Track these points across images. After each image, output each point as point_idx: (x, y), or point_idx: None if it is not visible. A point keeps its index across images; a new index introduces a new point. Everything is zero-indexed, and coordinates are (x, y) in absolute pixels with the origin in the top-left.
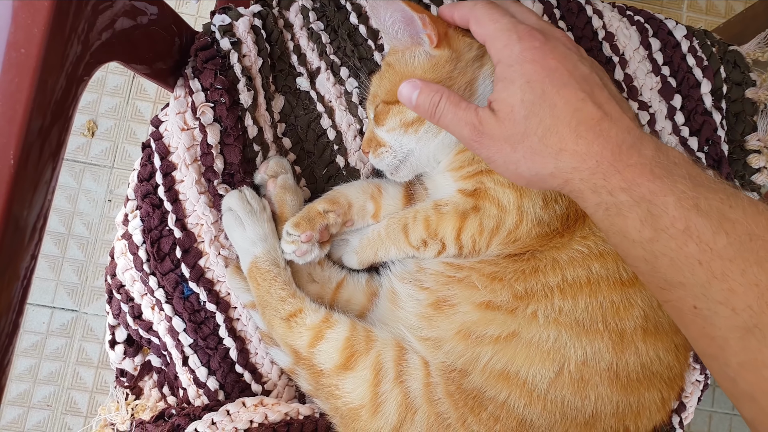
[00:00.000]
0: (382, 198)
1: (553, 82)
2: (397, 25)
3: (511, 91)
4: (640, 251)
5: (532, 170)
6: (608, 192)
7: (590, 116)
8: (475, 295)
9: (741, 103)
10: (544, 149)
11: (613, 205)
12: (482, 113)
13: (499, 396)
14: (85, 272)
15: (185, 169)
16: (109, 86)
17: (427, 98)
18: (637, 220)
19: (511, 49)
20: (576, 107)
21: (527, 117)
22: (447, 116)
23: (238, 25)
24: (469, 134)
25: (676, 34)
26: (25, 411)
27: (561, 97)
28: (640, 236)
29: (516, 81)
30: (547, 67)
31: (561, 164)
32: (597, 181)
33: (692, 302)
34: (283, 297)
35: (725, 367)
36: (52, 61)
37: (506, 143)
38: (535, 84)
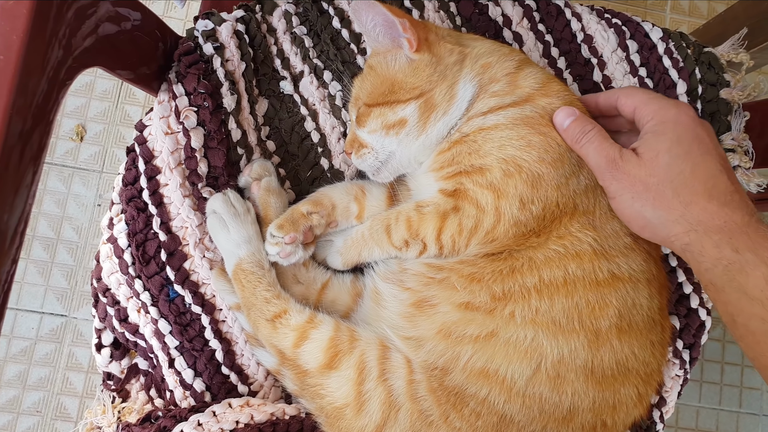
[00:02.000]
0: (365, 199)
1: (700, 148)
2: (378, 28)
3: (661, 141)
4: (759, 309)
5: (656, 213)
6: (733, 249)
7: (725, 186)
8: (454, 296)
9: (716, 103)
10: (675, 198)
11: (737, 262)
12: (625, 152)
13: (479, 393)
14: (74, 277)
15: (169, 172)
16: (98, 90)
17: (579, 126)
18: (762, 278)
19: (668, 110)
20: (714, 174)
21: (669, 165)
22: (593, 144)
23: (221, 30)
24: (605, 165)
25: (652, 37)
26: (15, 417)
27: (703, 162)
28: (761, 294)
29: (667, 134)
30: (697, 135)
31: (688, 215)
32: (722, 237)
33: None
34: (267, 298)
35: None
36: (33, 65)
37: (640, 182)
38: (683, 142)
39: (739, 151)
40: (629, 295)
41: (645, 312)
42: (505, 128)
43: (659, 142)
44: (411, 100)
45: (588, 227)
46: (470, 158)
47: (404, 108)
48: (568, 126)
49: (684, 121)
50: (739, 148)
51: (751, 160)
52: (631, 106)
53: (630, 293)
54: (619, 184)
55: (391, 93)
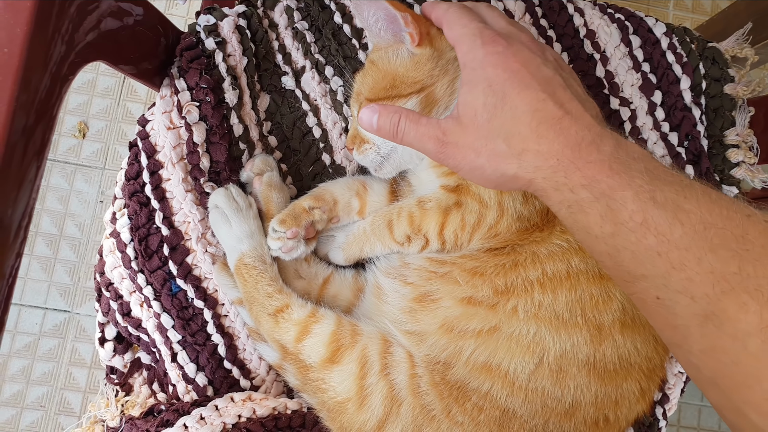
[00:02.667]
0: (367, 195)
1: (514, 84)
2: (380, 23)
3: (474, 95)
4: (603, 246)
5: (497, 173)
6: (569, 189)
7: (551, 115)
8: (457, 291)
9: (720, 99)
10: (506, 150)
11: (575, 203)
12: (444, 124)
13: (482, 387)
14: (77, 273)
15: (172, 167)
16: (100, 88)
17: (387, 119)
18: (598, 215)
19: (475, 53)
20: (536, 107)
21: (489, 120)
22: (410, 134)
23: (223, 25)
24: (433, 147)
25: (656, 31)
26: (19, 412)
27: (522, 99)
28: (601, 231)
29: (479, 85)
30: (510, 70)
31: (524, 164)
32: (559, 179)
33: (655, 293)
34: (269, 293)
35: (689, 354)
36: (36, 60)
37: (470, 150)
38: (496, 87)
39: (744, 147)
40: None
41: None
42: None
43: (474, 98)
44: (412, 94)
45: None
46: None
47: (405, 102)
48: (377, 125)
49: (492, 61)
50: (744, 143)
51: (755, 156)
52: (452, 40)
53: None
54: (453, 160)
55: (392, 88)
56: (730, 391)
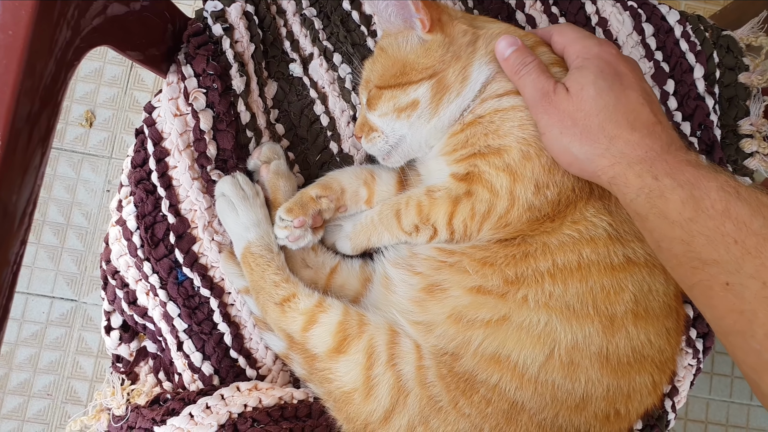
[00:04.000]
0: (375, 184)
1: (622, 83)
2: (390, 8)
3: (585, 74)
4: (678, 232)
5: (583, 148)
6: (653, 177)
7: (647, 118)
8: (466, 280)
9: (734, 88)
10: (600, 132)
11: (657, 188)
12: (558, 86)
13: (490, 379)
14: (84, 262)
15: (178, 154)
16: (107, 77)
17: (520, 56)
18: (679, 201)
19: (591, 48)
20: (635, 108)
21: (595, 98)
22: (531, 75)
23: (231, 11)
24: (540, 98)
25: (669, 19)
26: (26, 400)
27: (625, 96)
28: (680, 216)
29: (591, 68)
30: (619, 71)
31: (612, 148)
32: (643, 167)
33: (725, 279)
34: (276, 282)
35: (751, 339)
36: (41, 44)
37: (568, 116)
38: (606, 76)
39: (758, 136)
40: (645, 280)
41: (661, 298)
42: (525, 109)
43: (583, 76)
44: (423, 80)
45: (603, 212)
46: (486, 139)
47: (416, 89)
48: (509, 56)
49: (606, 57)
50: (758, 133)
51: None
52: (562, 44)
53: (646, 278)
54: (549, 119)
55: (402, 74)
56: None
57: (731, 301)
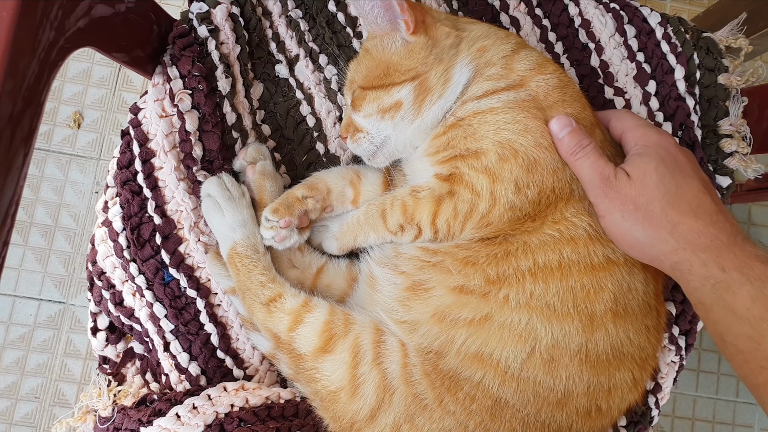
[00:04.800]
0: (361, 184)
1: (682, 171)
2: (376, 10)
3: (647, 161)
4: (746, 329)
5: (645, 232)
6: (720, 268)
7: (709, 207)
8: (449, 280)
9: (714, 89)
10: (663, 217)
11: (723, 281)
12: (619, 171)
13: (474, 376)
14: (72, 264)
15: (164, 155)
16: (95, 78)
17: (575, 138)
18: (748, 297)
19: (651, 136)
20: (698, 196)
21: (657, 184)
22: (588, 159)
23: (216, 13)
24: (599, 182)
25: (650, 21)
26: (13, 403)
27: (687, 184)
28: (748, 313)
29: (653, 156)
30: (678, 160)
31: (676, 234)
32: (709, 256)
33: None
34: (262, 282)
35: None
36: (23, 45)
37: (631, 201)
38: (667, 164)
39: (737, 136)
40: (624, 280)
41: (640, 296)
42: (501, 112)
43: (645, 163)
44: (406, 81)
45: (583, 213)
46: (465, 142)
47: (399, 90)
48: (564, 136)
49: (665, 146)
50: (737, 133)
51: (748, 145)
52: (620, 129)
53: (625, 277)
54: (610, 203)
55: (386, 76)
56: None
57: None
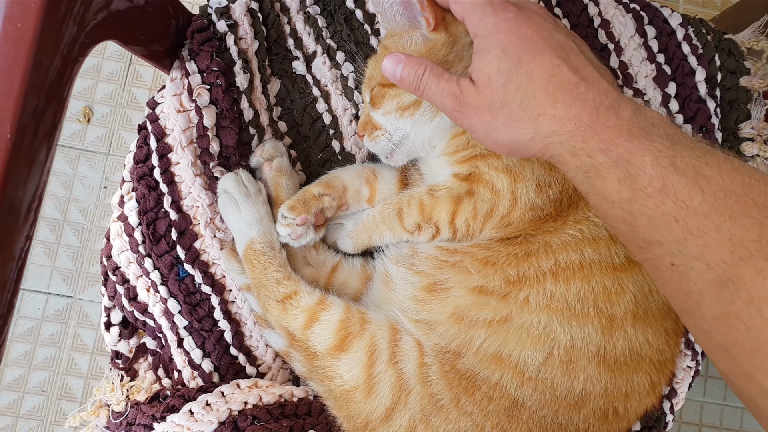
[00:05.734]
0: (377, 182)
1: (528, 49)
2: (395, 7)
3: (488, 61)
4: (619, 212)
5: (512, 137)
6: (587, 154)
7: (567, 81)
8: (468, 280)
9: (735, 91)
10: (522, 115)
11: (593, 167)
12: (463, 83)
13: (492, 377)
14: (80, 258)
15: (181, 151)
16: (105, 73)
17: (412, 71)
18: (616, 180)
19: (486, 21)
20: (552, 72)
21: (504, 84)
22: (431, 87)
23: (235, 8)
24: (451, 104)
25: (671, 22)
26: (20, 396)
27: (536, 64)
28: (618, 196)
29: (492, 51)
30: (522, 36)
31: (540, 129)
32: (576, 143)
33: (669, 259)
34: (278, 279)
35: (700, 321)
36: (48, 39)
37: (486, 112)
38: (510, 52)
39: (759, 140)
40: (645, 281)
41: (660, 299)
42: None
43: (487, 63)
44: None
45: None
46: None
47: None
48: (401, 74)
49: (504, 27)
50: (759, 137)
51: None
52: (460, 14)
53: (646, 279)
54: (469, 120)
55: None
56: (741, 358)
57: (678, 282)
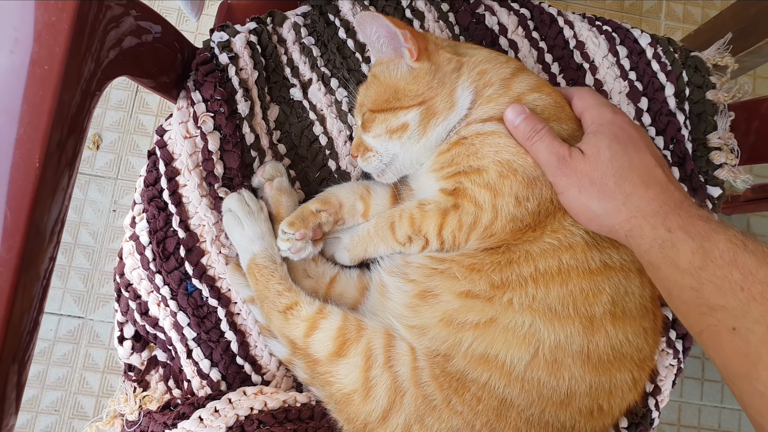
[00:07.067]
0: (370, 198)
1: (635, 146)
2: (381, 39)
3: (600, 140)
4: (688, 279)
5: (601, 205)
6: (666, 229)
7: (660, 178)
8: (455, 286)
9: (702, 104)
10: (616, 190)
11: (669, 239)
12: (573, 150)
13: (480, 378)
14: (91, 280)
15: (188, 174)
16: (113, 101)
17: (530, 125)
18: (689, 251)
19: (604, 115)
20: (649, 168)
21: (610, 160)
22: (544, 142)
23: (236, 41)
24: (555, 162)
25: (641, 42)
26: (34, 416)
27: (639, 158)
28: (690, 265)
29: (606, 134)
30: (630, 135)
31: (629, 203)
32: (658, 220)
33: (732, 323)
34: (280, 291)
35: (756, 382)
36: (70, 78)
37: (586, 177)
38: (620, 141)
39: (725, 149)
40: (621, 284)
41: (637, 300)
42: (503, 136)
43: (599, 141)
44: (413, 107)
45: None
46: (468, 159)
47: (406, 114)
48: (519, 124)
49: (619, 123)
50: (725, 146)
51: (736, 157)
52: (580, 108)
53: (622, 281)
54: (567, 180)
55: (394, 99)
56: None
57: (737, 345)
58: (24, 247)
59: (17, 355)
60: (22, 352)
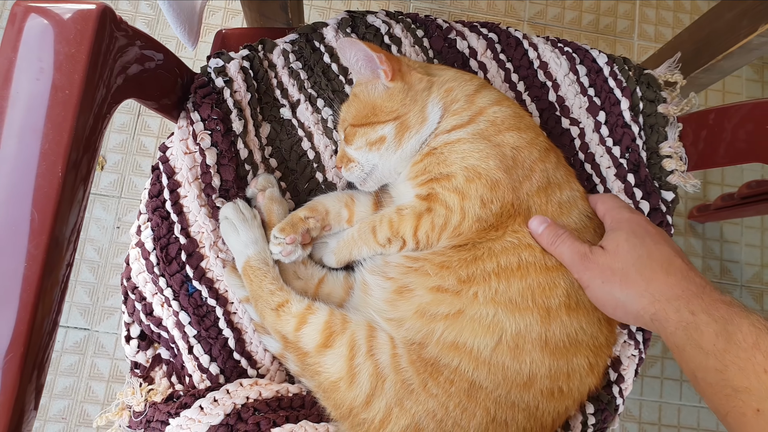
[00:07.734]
0: (354, 206)
1: (653, 239)
2: (360, 62)
3: (619, 235)
4: (713, 362)
5: (624, 292)
6: (690, 312)
7: (680, 266)
8: (428, 281)
9: (654, 117)
10: (638, 277)
11: (692, 322)
12: (594, 248)
13: (452, 363)
14: (96, 293)
15: (188, 186)
16: (117, 124)
17: (552, 232)
18: (713, 334)
19: (623, 214)
20: (668, 257)
21: (629, 251)
22: (566, 244)
23: (230, 67)
24: (579, 260)
25: (599, 61)
26: (42, 424)
27: (657, 249)
28: (714, 348)
29: (624, 230)
30: (648, 231)
31: (651, 289)
32: (681, 303)
33: (756, 405)
34: (272, 290)
35: None
36: (86, 102)
37: (608, 269)
38: (638, 235)
39: (675, 157)
40: (575, 279)
41: None
42: (466, 142)
43: (618, 236)
44: (389, 121)
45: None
46: (438, 167)
47: (383, 127)
48: (542, 232)
49: (636, 221)
50: (675, 154)
51: (685, 164)
52: (603, 211)
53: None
54: (591, 273)
55: (373, 115)
56: None
57: (762, 426)
58: (48, 246)
59: (38, 356)
60: (42, 351)
